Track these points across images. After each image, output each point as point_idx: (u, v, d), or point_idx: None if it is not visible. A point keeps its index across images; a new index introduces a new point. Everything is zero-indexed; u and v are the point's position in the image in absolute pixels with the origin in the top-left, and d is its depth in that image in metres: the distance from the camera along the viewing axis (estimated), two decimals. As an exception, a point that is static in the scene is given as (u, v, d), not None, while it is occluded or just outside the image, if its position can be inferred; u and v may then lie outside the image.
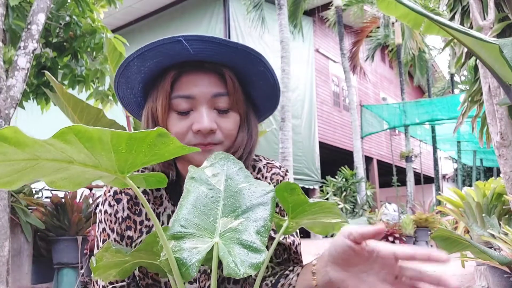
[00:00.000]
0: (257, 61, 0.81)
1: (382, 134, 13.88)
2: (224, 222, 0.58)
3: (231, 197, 0.61)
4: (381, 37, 12.58)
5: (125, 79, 0.85)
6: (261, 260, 0.53)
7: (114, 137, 0.48)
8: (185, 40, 0.77)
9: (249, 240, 0.55)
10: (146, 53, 0.79)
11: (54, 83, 2.81)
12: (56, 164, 0.51)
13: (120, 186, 0.63)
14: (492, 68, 0.78)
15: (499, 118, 2.28)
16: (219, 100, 0.81)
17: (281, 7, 6.65)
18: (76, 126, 0.46)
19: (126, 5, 9.19)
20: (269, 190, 0.62)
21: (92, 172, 0.54)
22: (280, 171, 0.92)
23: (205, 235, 0.57)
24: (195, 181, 0.62)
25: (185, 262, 0.53)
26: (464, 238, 1.16)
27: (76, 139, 0.47)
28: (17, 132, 0.45)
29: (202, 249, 0.54)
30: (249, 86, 0.87)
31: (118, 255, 0.64)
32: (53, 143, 0.47)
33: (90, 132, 0.47)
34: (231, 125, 0.83)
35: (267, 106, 0.92)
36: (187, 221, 0.57)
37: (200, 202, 0.60)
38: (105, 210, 0.86)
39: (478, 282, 3.13)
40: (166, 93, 0.81)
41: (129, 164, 0.53)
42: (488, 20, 2.21)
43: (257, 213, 0.59)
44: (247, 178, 0.65)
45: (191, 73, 0.82)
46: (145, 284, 0.84)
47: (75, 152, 0.49)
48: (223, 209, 0.60)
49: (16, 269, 3.01)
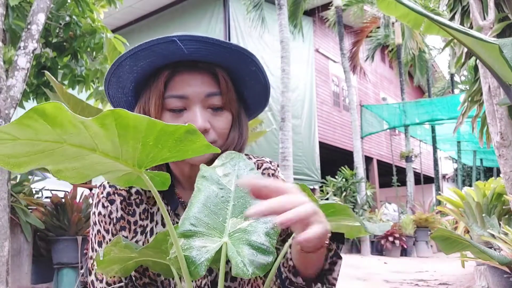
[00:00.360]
0: (249, 61, 0.82)
1: (382, 134, 13.88)
2: (233, 222, 0.58)
3: (241, 197, 0.61)
4: (381, 37, 12.57)
5: (117, 79, 0.85)
6: (269, 261, 0.53)
7: (149, 126, 0.48)
8: (179, 40, 0.77)
9: (258, 241, 0.55)
10: (139, 52, 0.79)
11: (54, 83, 2.81)
12: (78, 150, 0.50)
13: (126, 184, 0.63)
14: (492, 68, 0.78)
15: (499, 118, 2.28)
16: (212, 99, 0.82)
17: (281, 7, 6.65)
18: (118, 110, 0.46)
19: (126, 5, 9.19)
20: None
21: (108, 164, 0.54)
22: (271, 166, 0.92)
23: (215, 234, 0.57)
24: (206, 180, 0.62)
25: (194, 261, 0.53)
26: (464, 238, 1.16)
27: (113, 124, 0.47)
28: (59, 109, 0.44)
29: (211, 248, 0.55)
30: (241, 86, 0.88)
31: (126, 250, 0.65)
32: (89, 125, 0.46)
33: (129, 118, 0.47)
34: (224, 124, 0.84)
35: (258, 105, 0.93)
36: (197, 220, 0.57)
37: (210, 202, 0.60)
38: (99, 211, 0.86)
39: (478, 282, 3.13)
40: (160, 92, 0.81)
41: (150, 158, 0.53)
42: (488, 20, 2.21)
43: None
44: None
45: (185, 73, 0.82)
46: (142, 284, 0.84)
47: (103, 139, 0.49)
48: (233, 209, 0.60)
49: (16, 269, 3.01)
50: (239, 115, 0.88)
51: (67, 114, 0.45)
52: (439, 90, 16.94)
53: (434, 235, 1.21)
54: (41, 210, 3.29)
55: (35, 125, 0.46)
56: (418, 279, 4.67)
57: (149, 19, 11.00)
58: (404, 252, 8.01)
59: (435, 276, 4.87)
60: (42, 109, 0.44)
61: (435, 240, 1.25)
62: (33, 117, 0.45)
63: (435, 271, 5.42)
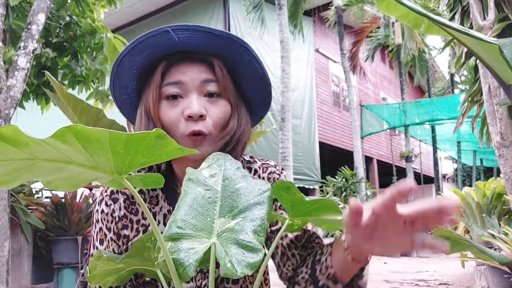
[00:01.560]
0: (242, 49, 0.83)
1: (382, 134, 13.87)
2: (221, 222, 0.58)
3: (228, 197, 0.61)
4: (381, 37, 12.57)
5: (119, 78, 0.87)
6: (257, 259, 0.53)
7: (112, 138, 0.48)
8: (172, 30, 0.80)
9: (246, 239, 0.55)
10: (137, 46, 0.82)
11: (54, 83, 2.81)
12: (54, 164, 0.51)
13: (116, 187, 0.63)
14: (492, 68, 0.78)
15: (499, 118, 2.28)
16: (208, 85, 0.83)
17: (281, 7, 6.65)
18: (74, 126, 0.46)
19: (126, 5, 9.19)
20: (266, 189, 0.63)
21: (89, 173, 0.54)
22: (276, 170, 0.93)
23: (203, 235, 0.57)
24: (192, 182, 0.62)
25: (182, 263, 0.53)
26: (464, 238, 1.16)
27: (74, 139, 0.47)
28: (16, 131, 0.45)
29: (199, 249, 0.55)
30: (239, 78, 0.88)
31: (110, 263, 0.64)
32: (51, 143, 0.47)
33: (88, 133, 0.47)
34: (221, 112, 0.84)
35: (258, 99, 0.93)
36: (184, 222, 0.57)
37: (197, 203, 0.60)
38: (102, 209, 0.87)
39: (478, 282, 3.13)
40: (157, 83, 0.83)
41: (126, 165, 0.53)
42: (488, 20, 2.21)
43: (254, 212, 0.59)
44: (244, 177, 0.65)
45: (180, 63, 0.84)
46: (141, 282, 0.85)
47: (73, 153, 0.49)
48: (220, 210, 0.60)
49: (16, 269, 3.00)
50: (237, 105, 0.88)
51: (25, 136, 0.46)
52: (439, 90, 16.94)
53: (434, 235, 1.21)
54: (41, 210, 3.29)
55: (0, 149, 0.46)
56: (418, 279, 4.67)
57: (149, 19, 10.99)
58: (404, 252, 8.02)
59: (435, 276, 4.87)
60: (0, 134, 0.45)
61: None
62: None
63: (435, 271, 5.42)
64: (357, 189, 8.37)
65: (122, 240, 0.86)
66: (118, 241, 0.86)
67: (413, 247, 0.57)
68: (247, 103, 0.92)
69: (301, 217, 0.68)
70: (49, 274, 3.36)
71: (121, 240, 0.86)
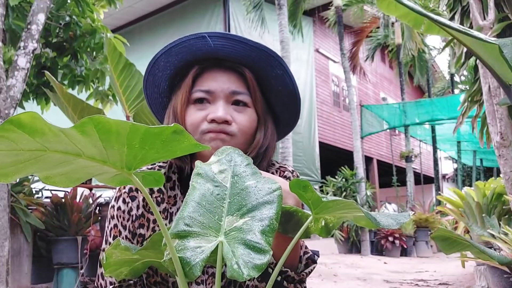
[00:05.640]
0: (275, 63, 0.84)
1: (382, 134, 13.87)
2: (229, 220, 0.57)
3: (237, 194, 0.59)
4: (381, 37, 12.56)
5: (153, 77, 0.89)
6: (264, 261, 0.51)
7: (132, 130, 0.48)
8: (208, 36, 0.83)
9: (253, 240, 0.53)
10: (172, 48, 0.84)
11: (54, 83, 2.81)
12: (63, 157, 0.50)
13: (119, 184, 0.63)
14: (492, 68, 0.78)
15: (499, 118, 2.28)
16: (237, 96, 0.85)
17: (281, 7, 6.64)
18: (98, 116, 0.45)
19: (126, 5, 9.18)
20: (276, 188, 0.60)
21: (96, 167, 0.53)
22: (292, 175, 0.93)
23: (210, 233, 0.55)
24: (201, 178, 0.61)
25: (188, 262, 0.52)
26: (464, 238, 1.16)
27: (94, 131, 0.46)
28: (35, 118, 0.44)
29: (206, 248, 0.53)
30: (268, 92, 0.89)
31: (127, 252, 0.64)
32: (69, 133, 0.46)
33: (110, 124, 0.46)
34: (246, 121, 0.84)
35: (287, 116, 0.93)
36: (191, 220, 0.56)
37: (205, 200, 0.58)
38: (119, 206, 0.86)
39: (478, 282, 3.13)
40: (188, 87, 0.85)
41: (138, 159, 0.52)
42: (488, 20, 2.21)
43: (262, 212, 0.57)
44: (254, 175, 0.63)
45: (212, 70, 0.86)
46: (153, 282, 0.84)
47: (87, 144, 0.48)
48: (228, 207, 0.58)
49: (16, 269, 3.00)
50: (265, 119, 0.88)
51: (44, 123, 0.45)
52: (439, 90, 16.93)
53: (434, 235, 1.21)
54: (41, 210, 3.29)
55: (13, 136, 0.45)
56: (418, 279, 4.67)
57: (149, 19, 10.98)
58: (404, 252, 8.00)
59: (435, 276, 4.86)
60: (17, 120, 0.44)
61: (435, 240, 1.25)
62: (10, 128, 0.44)
63: (435, 271, 5.42)
64: (357, 189, 8.37)
65: (137, 239, 0.86)
66: (133, 240, 0.85)
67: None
68: (275, 119, 0.92)
69: (327, 214, 0.64)
70: (49, 274, 3.35)
71: (136, 239, 0.86)
